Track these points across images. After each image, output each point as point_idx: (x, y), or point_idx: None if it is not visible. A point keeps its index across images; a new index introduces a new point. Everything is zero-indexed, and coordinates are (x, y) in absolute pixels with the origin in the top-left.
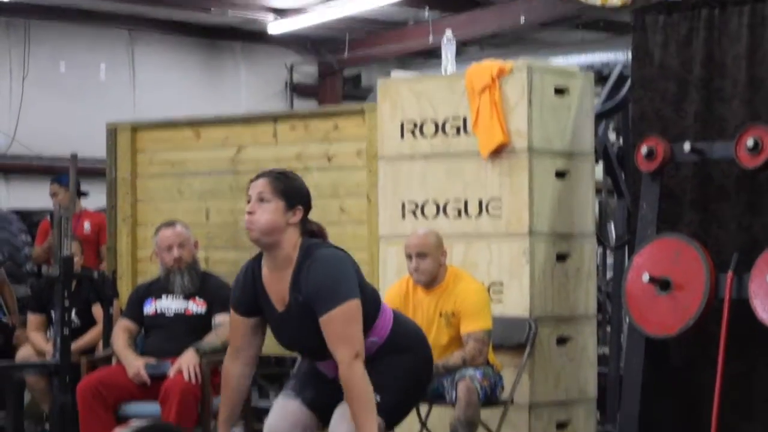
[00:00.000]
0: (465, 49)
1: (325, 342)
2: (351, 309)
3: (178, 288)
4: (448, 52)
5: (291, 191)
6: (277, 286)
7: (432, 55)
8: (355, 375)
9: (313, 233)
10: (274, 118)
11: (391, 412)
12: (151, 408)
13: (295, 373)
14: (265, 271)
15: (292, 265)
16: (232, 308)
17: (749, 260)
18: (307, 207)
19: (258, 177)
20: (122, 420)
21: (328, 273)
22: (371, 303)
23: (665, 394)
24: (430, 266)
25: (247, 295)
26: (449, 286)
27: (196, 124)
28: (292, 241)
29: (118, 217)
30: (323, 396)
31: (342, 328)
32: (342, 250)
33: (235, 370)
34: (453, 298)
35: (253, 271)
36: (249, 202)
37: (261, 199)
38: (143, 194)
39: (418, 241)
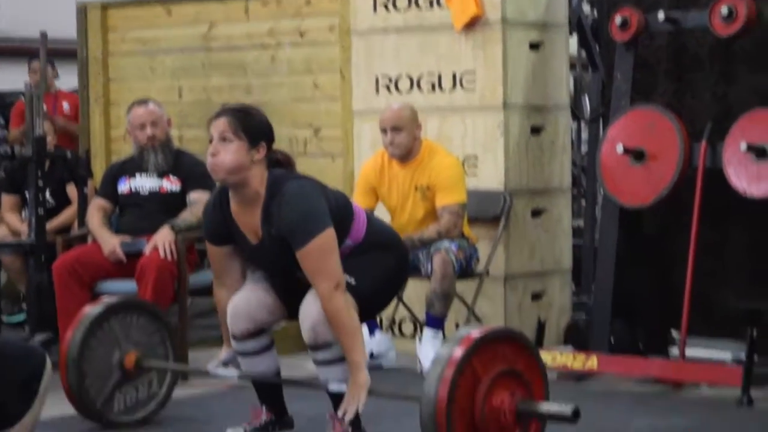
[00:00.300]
0: None
1: (300, 270)
2: (325, 240)
3: (151, 166)
4: None
5: (253, 128)
6: (248, 220)
7: None
8: (336, 307)
9: (278, 162)
10: None
11: (364, 298)
12: (127, 286)
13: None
14: (233, 206)
15: (261, 201)
16: (205, 237)
17: (723, 129)
18: (270, 140)
19: (218, 115)
20: (98, 298)
21: (296, 209)
22: (343, 214)
23: (639, 263)
24: (405, 140)
25: (218, 226)
26: (424, 159)
27: (167, 1)
28: (258, 178)
29: (91, 97)
30: (293, 287)
31: (319, 261)
32: (308, 178)
33: (221, 296)
34: (428, 171)
35: (221, 203)
36: (211, 142)
37: (223, 139)
38: (115, 73)
39: (392, 115)
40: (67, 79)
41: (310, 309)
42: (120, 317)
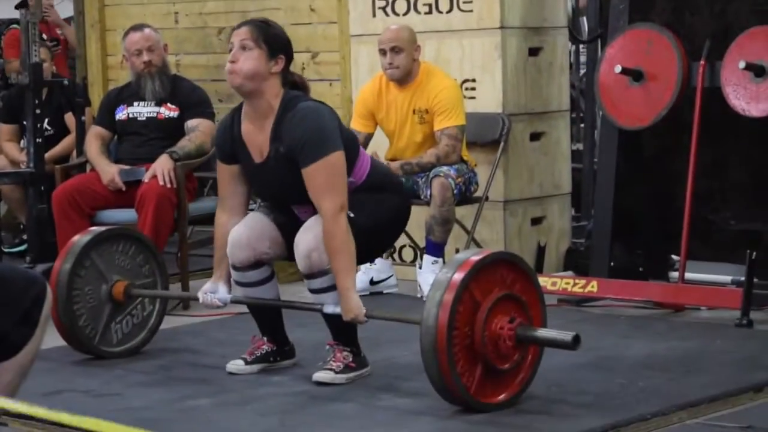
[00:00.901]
0: None
1: (301, 191)
2: (336, 160)
3: (149, 93)
4: None
5: (273, 39)
6: (257, 137)
7: None
8: (338, 227)
9: (295, 84)
10: None
11: (361, 232)
12: (127, 214)
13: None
14: (244, 123)
15: (273, 115)
16: (217, 158)
17: (722, 47)
18: (289, 56)
19: (240, 25)
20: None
21: (311, 125)
22: (350, 149)
23: (639, 184)
24: (404, 61)
25: (226, 144)
26: (422, 82)
27: None
28: (273, 91)
29: (86, 23)
30: (293, 222)
31: (326, 180)
32: (323, 103)
33: (222, 219)
34: (426, 94)
35: (233, 122)
36: (231, 50)
37: (243, 47)
38: None
39: (392, 36)
40: (64, 6)
41: (305, 236)
42: (100, 249)
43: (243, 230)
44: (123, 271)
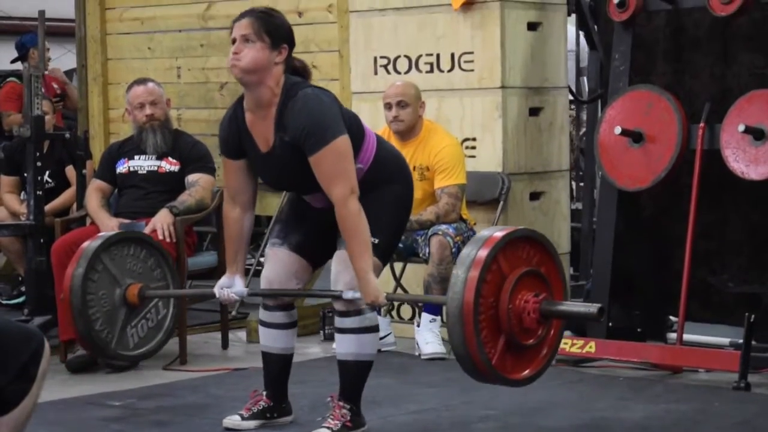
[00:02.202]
0: None
1: (310, 178)
2: (341, 146)
3: (150, 147)
4: None
5: (275, 30)
6: (261, 126)
7: None
8: (351, 212)
9: (296, 70)
10: None
11: (387, 250)
12: None
13: (278, 218)
14: (248, 113)
15: (275, 105)
16: (221, 152)
17: (722, 110)
18: (292, 45)
19: (241, 16)
20: None
21: (313, 113)
22: (354, 132)
23: (637, 245)
24: (410, 115)
25: (232, 137)
26: (424, 139)
27: None
28: (275, 80)
29: (89, 76)
30: (309, 237)
31: (334, 166)
32: (323, 89)
33: (233, 214)
34: (428, 151)
35: (236, 112)
36: (234, 42)
37: (246, 40)
38: (113, 52)
39: (399, 90)
40: (66, 59)
41: (343, 276)
42: (112, 253)
43: (273, 274)
44: (135, 274)
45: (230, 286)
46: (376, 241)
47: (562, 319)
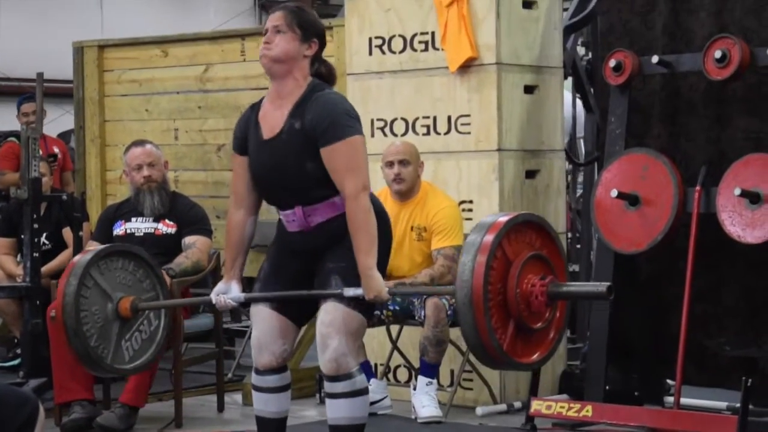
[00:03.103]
0: None
1: (301, 178)
2: (358, 143)
3: (147, 209)
4: None
5: (307, 24)
6: (273, 115)
7: None
8: (361, 208)
9: (321, 75)
10: (242, 36)
11: (372, 305)
12: None
13: (258, 277)
14: (266, 103)
15: (298, 96)
16: (233, 150)
17: (717, 173)
18: (323, 41)
19: (275, 9)
20: None
21: (338, 108)
22: None
23: (634, 308)
24: (411, 174)
25: (242, 131)
26: (422, 199)
27: (163, 42)
28: (302, 72)
29: (87, 137)
30: (288, 291)
31: (349, 160)
32: None
33: (236, 217)
34: (426, 212)
35: (253, 106)
36: (266, 33)
37: (277, 31)
38: (111, 114)
39: (400, 149)
40: (64, 120)
41: (331, 340)
42: (101, 268)
43: (261, 336)
44: (125, 287)
45: (226, 292)
46: (363, 295)
47: (568, 300)
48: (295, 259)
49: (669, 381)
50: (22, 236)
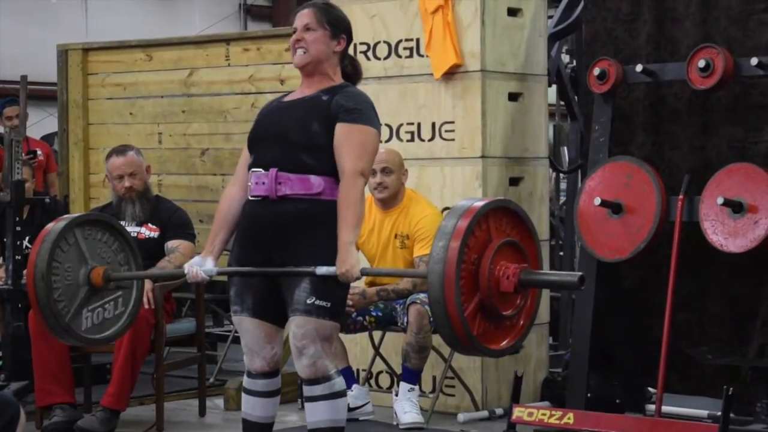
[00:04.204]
0: None
1: (297, 131)
2: (374, 135)
3: (129, 216)
4: None
5: (335, 21)
6: (299, 92)
7: None
8: (356, 186)
9: (346, 74)
10: (227, 40)
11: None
12: None
13: (231, 281)
14: (294, 94)
15: (327, 84)
16: (248, 139)
17: (701, 182)
18: (350, 37)
19: (304, 7)
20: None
21: (367, 103)
22: None
23: (617, 316)
24: (394, 183)
25: (260, 120)
26: (406, 207)
27: (148, 46)
28: (333, 68)
29: (70, 140)
30: (260, 296)
31: (360, 143)
32: None
33: (230, 191)
34: (408, 220)
35: (280, 97)
36: (295, 32)
37: (308, 29)
38: (95, 117)
39: (383, 157)
40: (47, 122)
41: (306, 350)
42: (86, 232)
43: (250, 343)
44: (102, 261)
45: (201, 266)
46: (328, 305)
47: (540, 288)
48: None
49: (651, 389)
50: (5, 239)
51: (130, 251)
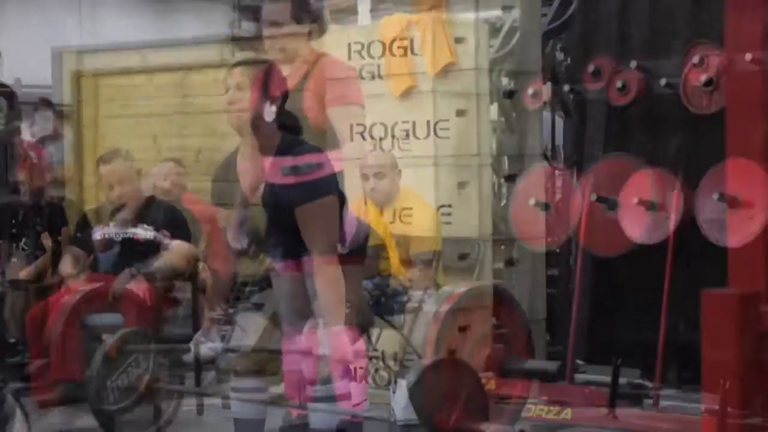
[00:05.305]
0: None
1: None
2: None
3: (122, 219)
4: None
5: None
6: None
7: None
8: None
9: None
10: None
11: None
12: (112, 318)
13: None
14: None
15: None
16: None
17: (697, 177)
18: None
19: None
20: None
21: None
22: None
23: (613, 311)
24: (387, 187)
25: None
26: (400, 206)
27: (142, 46)
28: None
29: (66, 144)
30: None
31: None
32: None
33: None
34: (404, 219)
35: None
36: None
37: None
38: (90, 120)
39: (375, 162)
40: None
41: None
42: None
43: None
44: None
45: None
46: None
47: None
48: None
49: (648, 383)
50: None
51: None
